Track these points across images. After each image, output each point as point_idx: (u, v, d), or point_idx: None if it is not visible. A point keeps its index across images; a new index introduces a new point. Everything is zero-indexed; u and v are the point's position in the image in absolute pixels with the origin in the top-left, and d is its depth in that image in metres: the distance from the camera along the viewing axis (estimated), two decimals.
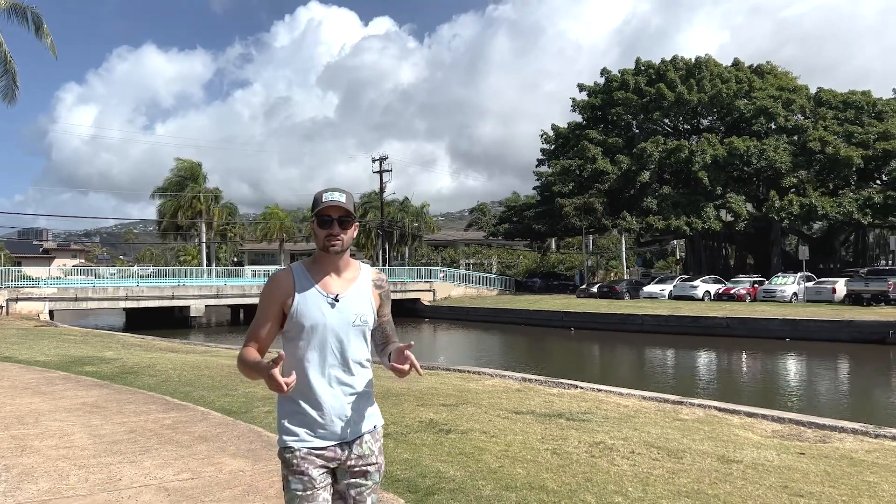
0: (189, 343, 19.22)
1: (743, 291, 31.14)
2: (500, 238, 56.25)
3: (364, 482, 2.17)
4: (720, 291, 32.12)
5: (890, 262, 47.00)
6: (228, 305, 39.38)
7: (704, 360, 21.80)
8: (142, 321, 34.00)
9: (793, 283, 30.43)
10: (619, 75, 46.78)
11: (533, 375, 10.43)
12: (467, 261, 70.24)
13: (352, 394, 2.16)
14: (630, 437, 5.84)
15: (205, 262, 53.77)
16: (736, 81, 43.69)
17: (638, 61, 47.21)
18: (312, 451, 2.10)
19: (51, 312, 30.75)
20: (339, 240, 2.16)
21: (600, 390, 8.89)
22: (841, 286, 28.34)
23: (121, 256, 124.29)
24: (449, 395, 8.25)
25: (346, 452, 2.14)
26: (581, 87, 49.11)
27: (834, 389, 16.33)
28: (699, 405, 7.87)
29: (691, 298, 32.15)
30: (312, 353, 2.12)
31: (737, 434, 6.40)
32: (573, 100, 49.13)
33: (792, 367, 20.01)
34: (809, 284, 29.87)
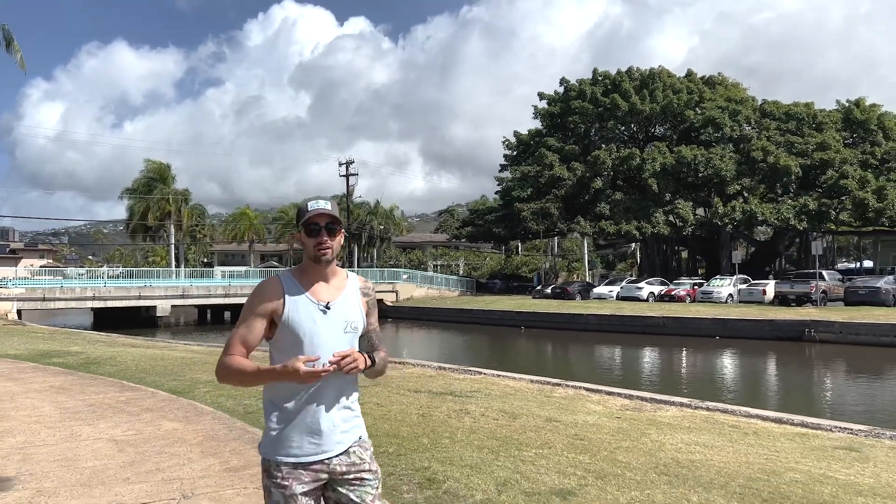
0: (151, 340, 20.44)
1: (683, 293, 33.14)
2: (463, 240, 57.86)
3: (363, 489, 2.15)
4: (663, 293, 34.07)
5: (831, 265, 49.65)
6: (195, 305, 40.40)
7: (630, 354, 23.54)
8: (109, 321, 34.90)
9: (729, 285, 32.48)
10: (577, 85, 48.66)
11: (449, 365, 11.97)
12: (435, 262, 71.72)
13: (341, 404, 2.15)
14: (491, 407, 7.39)
15: (173, 262, 54.50)
16: (687, 92, 45.86)
17: (595, 72, 49.17)
18: (299, 464, 2.08)
19: (19, 312, 31.57)
20: (328, 247, 2.16)
21: (498, 375, 10.46)
22: (771, 288, 30.41)
23: (90, 256, 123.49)
24: (366, 379, 9.72)
25: (336, 465, 2.12)
26: (541, 96, 50.89)
27: (728, 377, 18.14)
28: (572, 386, 9.47)
29: (637, 299, 34.02)
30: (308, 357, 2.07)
31: (585, 406, 7.97)
32: (535, 107, 50.96)
33: (705, 360, 21.80)
34: (743, 286, 31.92)
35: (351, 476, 2.13)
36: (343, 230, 2.23)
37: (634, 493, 4.20)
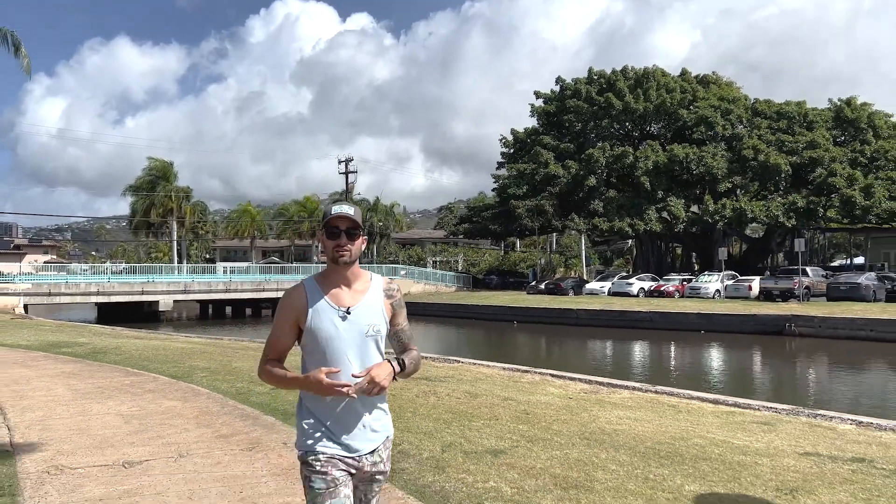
0: (153, 332, 21.33)
1: (672, 288, 33.96)
2: (460, 237, 58.68)
3: (373, 487, 2.28)
4: (652, 288, 34.89)
5: (827, 262, 50.43)
6: (197, 301, 41.32)
7: (614, 347, 24.37)
8: (112, 315, 35.78)
9: (716, 281, 33.29)
10: (573, 84, 49.43)
11: (432, 354, 12.81)
12: (434, 258, 72.59)
13: (368, 405, 2.21)
14: (458, 389, 8.22)
15: (175, 259, 55.42)
16: (681, 91, 46.55)
17: (590, 71, 49.92)
18: (334, 456, 2.18)
19: (25, 307, 32.49)
20: (346, 250, 2.20)
21: (475, 364, 11.30)
22: (756, 284, 31.22)
23: (93, 252, 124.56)
24: None
25: (362, 462, 2.21)
26: (538, 95, 51.65)
27: (702, 368, 18.96)
28: (539, 373, 10.30)
29: (627, 295, 34.85)
30: (329, 367, 2.14)
31: (545, 389, 8.81)
32: (531, 106, 51.73)
33: (686, 353, 22.63)
34: (730, 282, 32.74)
35: (369, 475, 2.24)
36: (364, 236, 2.28)
37: (555, 452, 5.04)
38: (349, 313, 2.18)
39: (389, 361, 2.22)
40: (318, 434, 2.18)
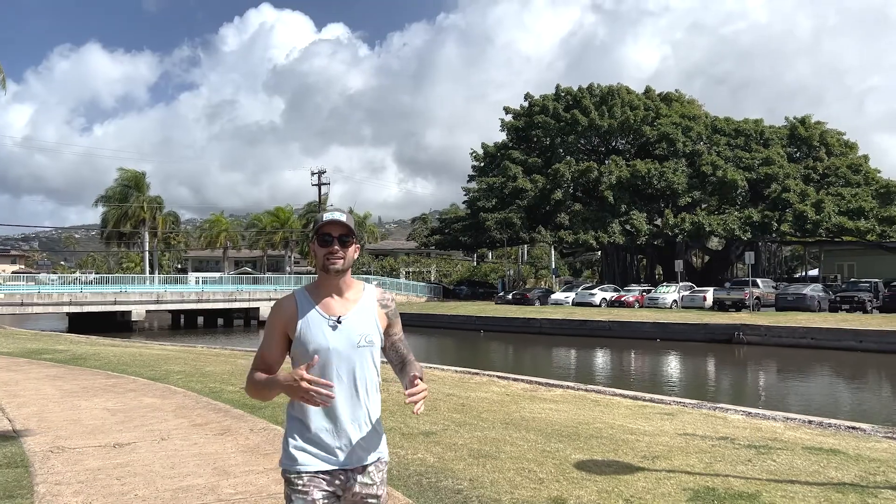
0: (127, 340, 22.03)
1: (632, 299, 35.38)
2: (433, 248, 59.79)
3: None
4: (613, 299, 36.29)
5: (789, 273, 52.42)
6: (169, 311, 41.77)
7: (571, 354, 25.57)
8: (84, 325, 36.13)
9: (673, 291, 34.80)
10: (541, 100, 50.96)
11: None
12: (407, 269, 73.54)
13: (359, 418, 2.12)
14: None
15: (147, 269, 55.66)
16: (644, 108, 48.31)
17: (558, 87, 51.56)
18: (317, 474, 2.09)
19: None
20: (339, 258, 2.13)
21: (430, 367, 12.32)
22: (710, 294, 32.76)
23: (62, 262, 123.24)
24: None
25: (351, 481, 2.12)
26: (507, 110, 53.10)
27: (648, 372, 20.22)
28: (487, 375, 11.37)
29: (590, 305, 36.19)
30: (318, 378, 2.02)
31: (488, 388, 9.86)
32: (501, 120, 53.17)
33: (637, 359, 23.89)
34: (686, 293, 34.27)
35: (359, 498, 2.14)
36: (357, 243, 2.20)
37: (477, 433, 6.10)
38: (340, 322, 2.11)
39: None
40: (301, 449, 2.11)
